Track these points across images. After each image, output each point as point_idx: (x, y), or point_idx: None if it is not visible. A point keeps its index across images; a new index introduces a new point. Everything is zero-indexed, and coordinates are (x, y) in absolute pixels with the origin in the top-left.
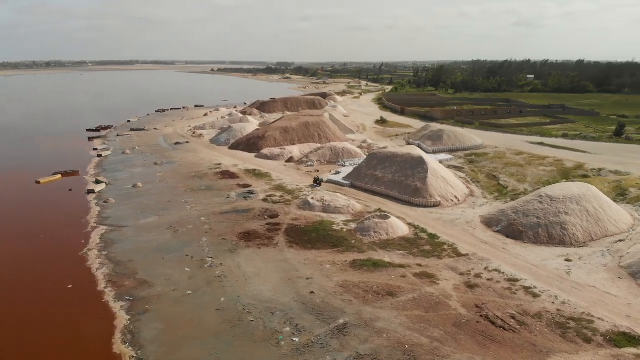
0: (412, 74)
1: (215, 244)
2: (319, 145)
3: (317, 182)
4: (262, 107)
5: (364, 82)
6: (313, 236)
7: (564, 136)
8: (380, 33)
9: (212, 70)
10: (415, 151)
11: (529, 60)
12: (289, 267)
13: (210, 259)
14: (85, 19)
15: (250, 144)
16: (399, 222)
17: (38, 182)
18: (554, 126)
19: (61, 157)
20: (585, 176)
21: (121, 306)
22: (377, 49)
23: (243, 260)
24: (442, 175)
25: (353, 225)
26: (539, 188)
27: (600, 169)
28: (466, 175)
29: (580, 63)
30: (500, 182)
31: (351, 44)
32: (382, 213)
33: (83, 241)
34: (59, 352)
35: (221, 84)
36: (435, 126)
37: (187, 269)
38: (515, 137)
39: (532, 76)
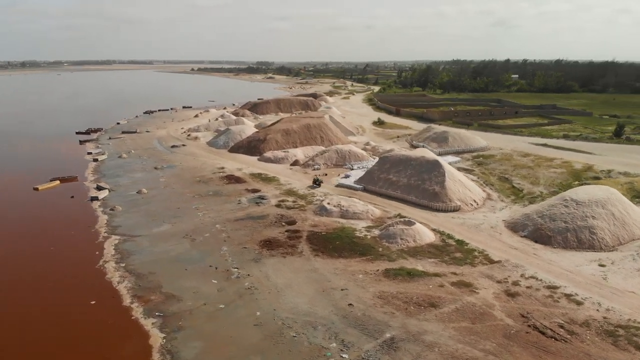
0: (394, 74)
1: (237, 253)
2: (322, 148)
3: (317, 182)
4: (255, 108)
5: (349, 83)
6: (337, 244)
7: (565, 137)
8: (359, 33)
9: (192, 70)
10: (429, 154)
11: (508, 60)
12: (320, 278)
13: (235, 269)
14: (61, 19)
15: (251, 147)
16: (424, 228)
17: (36, 189)
18: (552, 127)
19: (54, 162)
20: (596, 178)
21: (152, 323)
22: (356, 48)
23: (270, 271)
24: (458, 178)
25: (376, 232)
26: (555, 191)
27: (609, 171)
28: (477, 178)
29: (559, 62)
30: (514, 184)
31: (330, 43)
32: (406, 219)
33: (97, 252)
34: None
35: (204, 84)
36: (439, 128)
37: (214, 281)
38: (515, 138)
39: (517, 76)
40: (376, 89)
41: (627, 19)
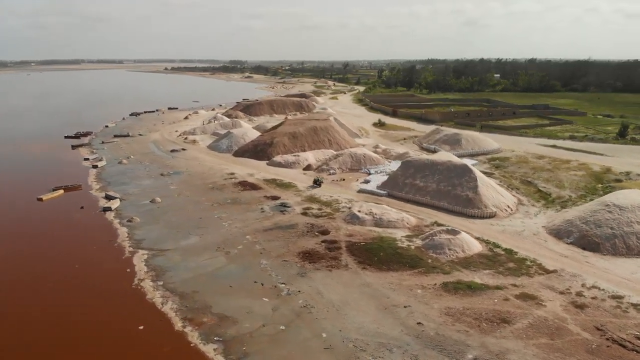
0: (372, 74)
1: (279, 266)
2: (332, 151)
3: (317, 182)
4: (247, 109)
5: (330, 82)
6: (381, 255)
7: (571, 138)
8: (333, 32)
9: (166, 69)
10: (455, 158)
11: (482, 59)
12: (377, 293)
13: (283, 285)
14: (28, 17)
15: (258, 151)
16: (470, 237)
17: (40, 200)
18: (554, 128)
19: (50, 168)
20: (618, 180)
21: (214, 349)
22: (330, 48)
23: (321, 286)
24: (490, 183)
25: (419, 242)
26: (582, 194)
27: (627, 172)
28: (500, 182)
29: (532, 61)
30: (539, 188)
31: (304, 42)
32: (449, 228)
33: (128, 270)
34: None
35: (182, 84)
36: (449, 130)
37: (265, 299)
38: (522, 139)
39: (498, 75)
40: (360, 88)
41: (595, 18)
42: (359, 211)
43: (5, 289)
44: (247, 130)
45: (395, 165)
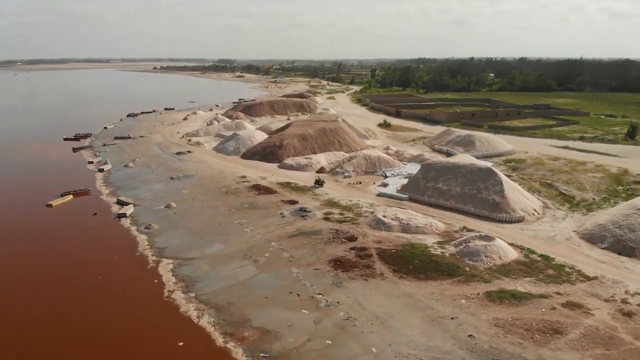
0: (365, 73)
1: (312, 275)
2: (343, 153)
3: (319, 182)
4: (248, 110)
5: (324, 82)
6: (416, 263)
7: (581, 139)
8: (322, 31)
9: (155, 68)
10: (476, 161)
11: (472, 58)
12: (420, 304)
13: (320, 295)
14: (13, 16)
15: (267, 154)
16: (504, 243)
17: (49, 206)
18: (561, 128)
19: (53, 172)
20: (637, 182)
21: None
22: (319, 47)
23: (360, 297)
24: (515, 186)
25: (452, 249)
26: (605, 197)
27: None
28: (520, 184)
29: (523, 60)
30: (561, 191)
31: (293, 41)
32: (482, 233)
33: (155, 280)
34: None
35: (173, 84)
36: (460, 131)
37: (304, 311)
38: (531, 140)
39: (493, 75)
40: (356, 88)
41: (580, 17)
42: (384, 216)
43: (34, 306)
44: (254, 132)
45: (410, 168)
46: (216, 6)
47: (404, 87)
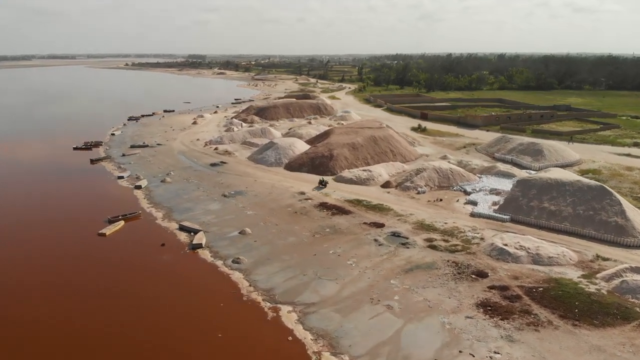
0: (346, 70)
1: (469, 326)
2: (401, 164)
3: (322, 183)
4: (262, 113)
5: (312, 79)
6: (577, 304)
7: (636, 145)
8: (291, 26)
9: (127, 65)
10: (582, 177)
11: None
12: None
13: (497, 355)
14: None
15: (317, 165)
16: None
17: (103, 235)
18: (604, 132)
19: (83, 190)
20: None
21: None
22: (290, 42)
23: (547, 354)
24: (629, 205)
25: (603, 284)
26: None
27: None
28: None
29: (502, 57)
30: None
31: (263, 36)
32: (632, 265)
33: (290, 338)
34: None
35: (154, 82)
36: (521, 138)
37: None
38: (585, 147)
39: (487, 72)
40: (350, 86)
41: (545, 12)
42: (505, 245)
43: None
44: (294, 140)
45: (489, 182)
46: (182, 1)
47: (401, 85)
